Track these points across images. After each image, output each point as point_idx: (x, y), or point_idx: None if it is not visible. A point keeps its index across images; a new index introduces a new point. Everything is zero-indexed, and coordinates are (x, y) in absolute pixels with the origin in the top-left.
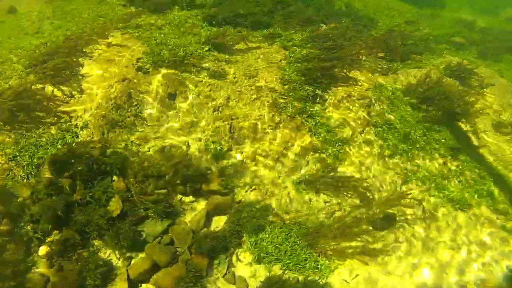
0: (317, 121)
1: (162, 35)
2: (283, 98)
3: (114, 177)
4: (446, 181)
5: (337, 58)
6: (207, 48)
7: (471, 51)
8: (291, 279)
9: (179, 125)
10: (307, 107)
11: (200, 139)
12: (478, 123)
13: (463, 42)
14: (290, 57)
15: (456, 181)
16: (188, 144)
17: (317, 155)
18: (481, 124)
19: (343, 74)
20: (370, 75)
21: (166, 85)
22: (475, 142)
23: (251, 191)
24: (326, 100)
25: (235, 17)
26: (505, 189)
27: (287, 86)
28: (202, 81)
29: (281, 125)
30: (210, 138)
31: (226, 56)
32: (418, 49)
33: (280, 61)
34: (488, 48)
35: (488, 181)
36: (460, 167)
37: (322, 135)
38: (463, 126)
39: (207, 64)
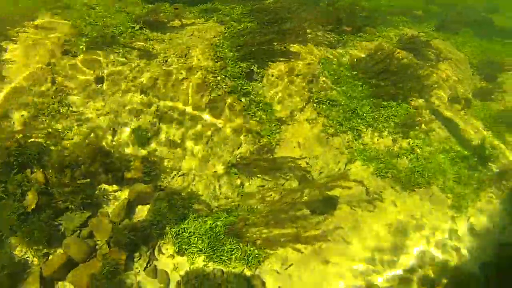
0: (252, 99)
1: (92, 15)
2: (214, 76)
3: (35, 169)
4: (395, 160)
5: (276, 32)
6: (138, 27)
7: (430, 24)
8: (214, 271)
9: (104, 111)
10: (241, 85)
11: (125, 124)
12: (432, 98)
13: (421, 14)
14: (225, 33)
15: (406, 160)
16: (114, 130)
17: (251, 136)
18: (435, 99)
19: (282, 48)
20: (316, 49)
21: (92, 69)
22: (428, 118)
23: (178, 177)
24: (263, 76)
25: None
26: (458, 166)
27: (219, 63)
28: (130, 63)
29: (211, 105)
30: (134, 123)
31: (159, 35)
32: (372, 21)
33: (214, 37)
34: (447, 22)
35: (440, 158)
36: (411, 144)
37: (257, 114)
38: (416, 101)
39: (137, 44)
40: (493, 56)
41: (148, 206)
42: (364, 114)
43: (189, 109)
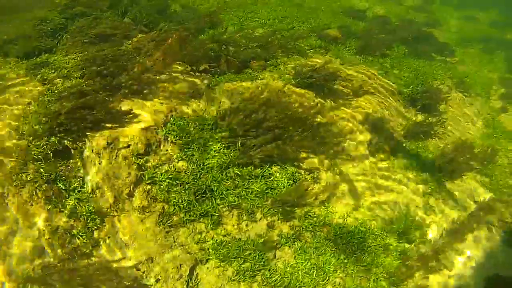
0: (64, 187)
1: None
2: (13, 161)
3: None
4: (271, 253)
5: (110, 86)
6: None
7: (351, 46)
8: None
9: None
10: (46, 170)
11: None
12: (339, 152)
13: (337, 35)
14: (45, 95)
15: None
16: None
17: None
18: (344, 152)
19: (112, 109)
20: (166, 102)
21: None
22: (327, 183)
23: None
24: (82, 152)
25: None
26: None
27: (22, 141)
28: None
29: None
30: None
31: None
32: (264, 51)
33: (29, 103)
34: (375, 41)
35: None
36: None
37: (68, 206)
38: (311, 160)
39: None
40: (432, 79)
41: None
42: (224, 192)
43: None
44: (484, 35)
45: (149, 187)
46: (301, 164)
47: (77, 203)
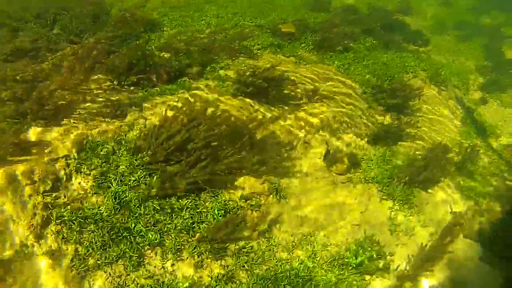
0: None
1: None
2: None
3: None
4: None
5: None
6: None
7: (306, 42)
8: None
9: None
10: None
11: None
12: (285, 170)
13: (291, 30)
14: None
15: None
16: None
17: None
18: (294, 168)
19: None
20: (79, 126)
21: None
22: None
23: None
24: None
25: None
26: None
27: None
28: None
29: None
30: None
31: None
32: (205, 56)
33: None
34: (334, 34)
35: None
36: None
37: None
38: (253, 183)
39: None
40: (403, 73)
41: None
42: (143, 229)
43: None
44: (460, 21)
45: (59, 227)
46: (236, 189)
47: None
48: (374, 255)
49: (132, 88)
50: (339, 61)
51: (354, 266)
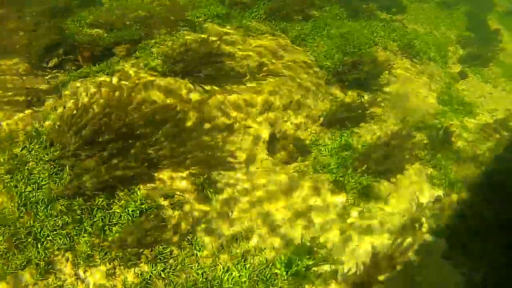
0: None
1: None
2: None
3: None
4: None
5: None
6: None
7: (258, 11)
8: None
9: None
10: None
11: None
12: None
13: (243, 0)
14: None
15: None
16: None
17: None
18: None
19: None
20: None
21: None
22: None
23: None
24: None
25: None
26: None
27: None
28: None
29: None
30: None
31: None
32: (141, 31)
33: None
34: (289, 1)
35: None
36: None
37: None
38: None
39: None
40: (372, 44)
41: None
42: (49, 233)
43: None
44: None
45: None
46: (155, 185)
47: None
48: (318, 261)
49: (54, 71)
50: (295, 31)
51: (291, 274)
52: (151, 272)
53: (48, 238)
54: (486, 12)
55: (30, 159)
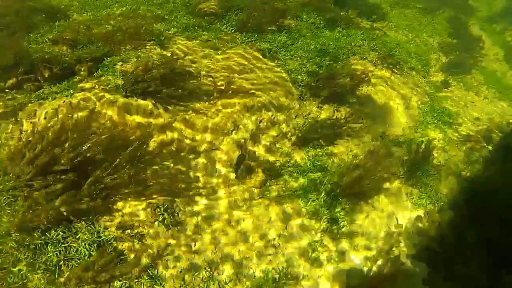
0: None
1: None
2: None
3: None
4: None
5: None
6: None
7: (230, 21)
8: None
9: None
10: None
11: None
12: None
13: (214, 7)
14: None
15: None
16: None
17: None
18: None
19: None
20: None
21: None
22: None
23: None
24: None
25: None
26: None
27: None
28: None
29: None
30: None
31: None
32: (106, 46)
33: None
34: (265, 10)
35: None
36: None
37: None
38: None
39: None
40: (350, 54)
41: None
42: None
43: None
44: None
45: None
46: (114, 216)
47: None
48: None
49: (13, 92)
50: (267, 44)
51: None
52: None
53: None
54: (467, 17)
55: None
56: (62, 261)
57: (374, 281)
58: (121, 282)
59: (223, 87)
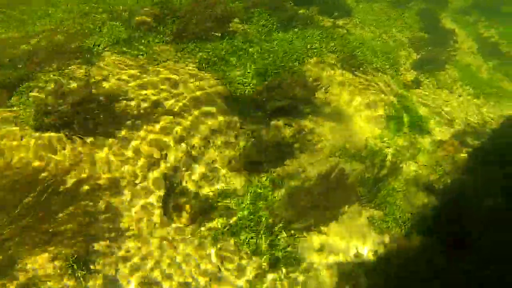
0: None
1: None
2: None
3: None
4: None
5: None
6: None
7: (165, 32)
8: None
9: None
10: None
11: None
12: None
13: (146, 18)
14: None
15: None
16: None
17: None
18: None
19: None
20: None
21: None
22: None
23: None
24: None
25: None
26: None
27: None
28: None
29: None
30: None
31: None
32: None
33: None
34: (204, 15)
35: None
36: None
37: None
38: None
39: None
40: (305, 57)
41: None
42: None
43: None
44: None
45: None
46: (20, 272)
47: None
48: None
49: None
50: (204, 54)
51: None
52: None
53: None
54: (439, 10)
55: None
56: None
57: None
58: None
59: (150, 110)
